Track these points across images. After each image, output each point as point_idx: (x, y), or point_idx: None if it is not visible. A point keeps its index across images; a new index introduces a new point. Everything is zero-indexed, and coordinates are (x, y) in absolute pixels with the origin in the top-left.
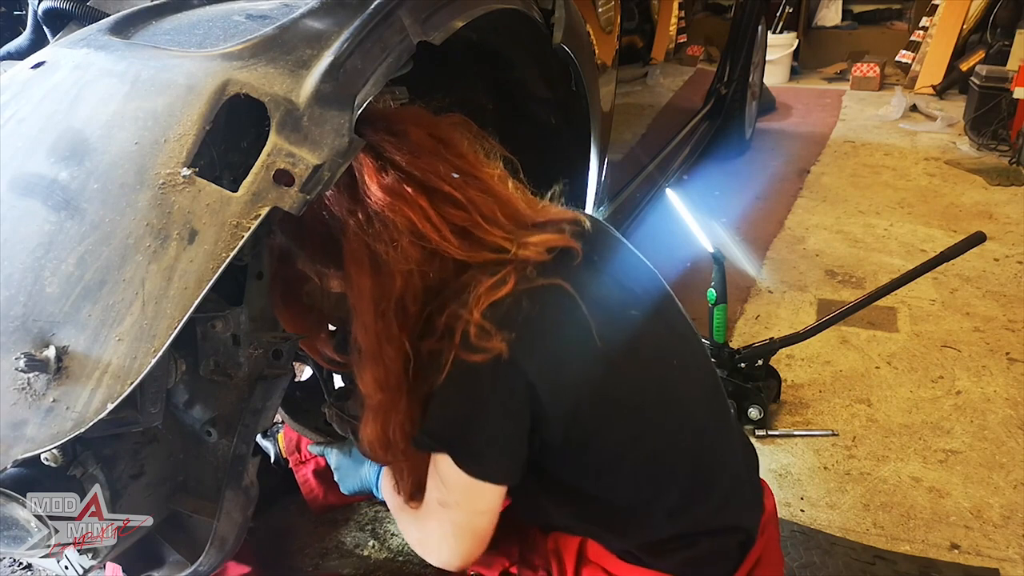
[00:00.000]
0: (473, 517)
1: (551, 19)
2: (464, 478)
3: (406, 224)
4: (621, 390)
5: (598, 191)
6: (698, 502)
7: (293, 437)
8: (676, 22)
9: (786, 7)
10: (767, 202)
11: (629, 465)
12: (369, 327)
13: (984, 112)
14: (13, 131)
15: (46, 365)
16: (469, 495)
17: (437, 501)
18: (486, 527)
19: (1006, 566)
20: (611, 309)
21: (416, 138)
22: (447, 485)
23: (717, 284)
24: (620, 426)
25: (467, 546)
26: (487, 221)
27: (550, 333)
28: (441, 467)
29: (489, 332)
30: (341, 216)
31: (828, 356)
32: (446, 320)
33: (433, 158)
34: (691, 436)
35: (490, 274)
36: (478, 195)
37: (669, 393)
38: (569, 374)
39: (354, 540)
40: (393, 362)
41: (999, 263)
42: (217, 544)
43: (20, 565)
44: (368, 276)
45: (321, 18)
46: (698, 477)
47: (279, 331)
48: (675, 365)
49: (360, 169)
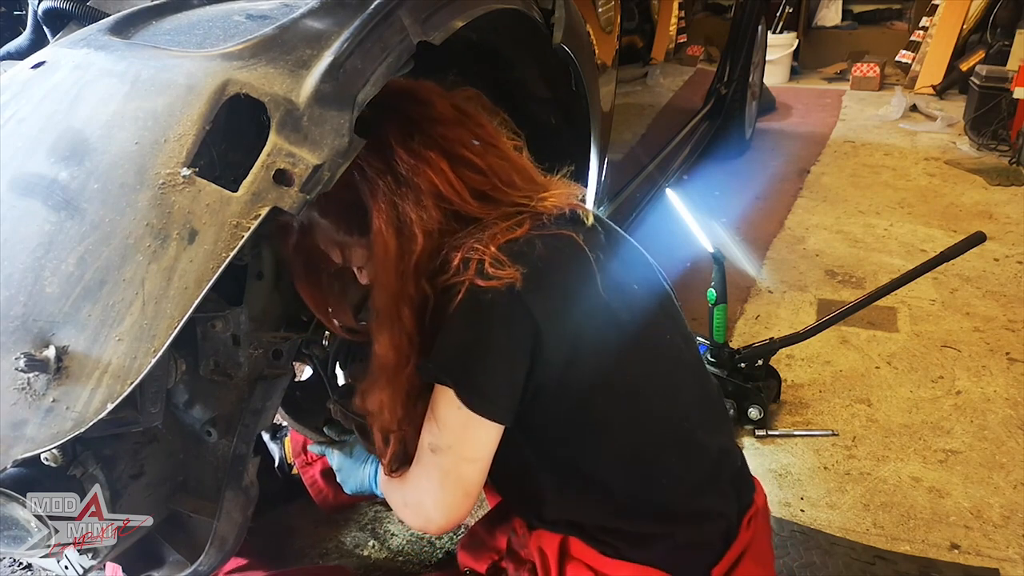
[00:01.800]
0: (462, 464)
1: (551, 19)
2: (462, 414)
3: (430, 187)
4: (619, 347)
5: (598, 191)
6: (679, 480)
7: (299, 440)
8: (676, 22)
9: (786, 7)
10: (767, 202)
11: (616, 432)
12: (389, 288)
13: (984, 112)
14: (13, 131)
15: (46, 365)
16: (463, 435)
17: (428, 446)
18: (474, 479)
19: (1006, 566)
20: (615, 273)
21: (440, 107)
22: (442, 425)
23: (717, 284)
24: (614, 385)
25: (452, 498)
26: (505, 184)
27: (559, 276)
28: (439, 405)
29: (503, 263)
30: (372, 178)
31: (828, 356)
32: (463, 255)
33: (456, 126)
34: (678, 414)
35: (506, 218)
36: (496, 161)
37: (663, 364)
38: (572, 319)
39: (354, 540)
40: (408, 320)
41: (999, 263)
42: (217, 544)
43: (20, 565)
44: (394, 237)
45: (321, 18)
46: (682, 456)
47: (279, 331)
48: (669, 342)
49: (387, 135)
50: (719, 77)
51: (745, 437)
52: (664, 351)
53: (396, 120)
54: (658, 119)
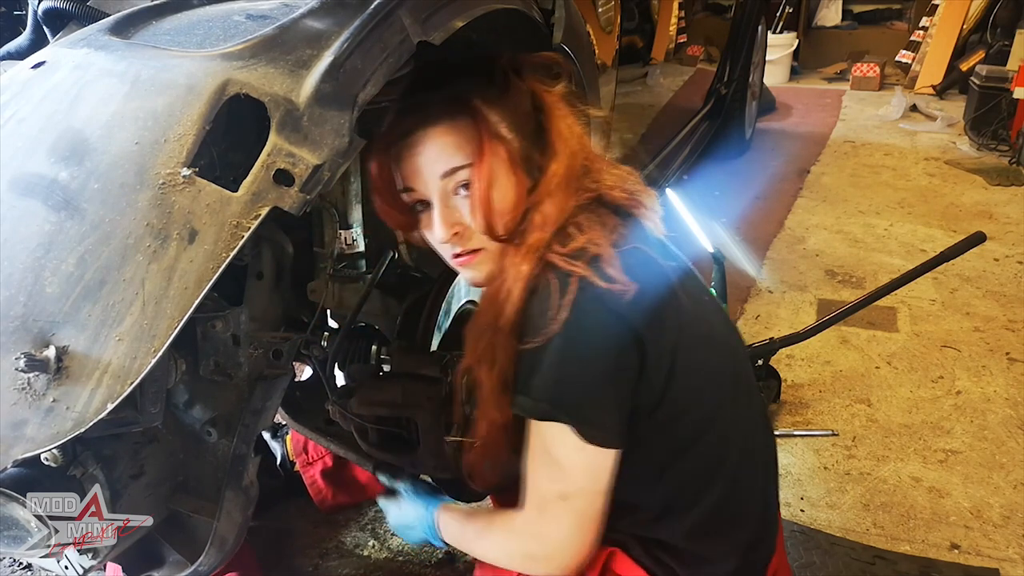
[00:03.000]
0: (596, 500)
1: (551, 19)
2: (586, 452)
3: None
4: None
5: None
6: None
7: (300, 439)
8: (676, 22)
9: (786, 7)
10: (767, 202)
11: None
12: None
13: (984, 112)
14: (13, 131)
15: (46, 365)
16: (592, 472)
17: (557, 495)
18: (605, 508)
19: (1006, 566)
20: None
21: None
22: (567, 469)
23: (717, 284)
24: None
25: (590, 537)
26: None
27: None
28: (556, 447)
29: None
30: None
31: (828, 356)
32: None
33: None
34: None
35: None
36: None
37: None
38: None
39: (354, 540)
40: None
41: (999, 263)
42: (217, 544)
43: (20, 565)
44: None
45: (321, 18)
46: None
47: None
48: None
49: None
50: (719, 77)
51: None
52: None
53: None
54: (658, 119)
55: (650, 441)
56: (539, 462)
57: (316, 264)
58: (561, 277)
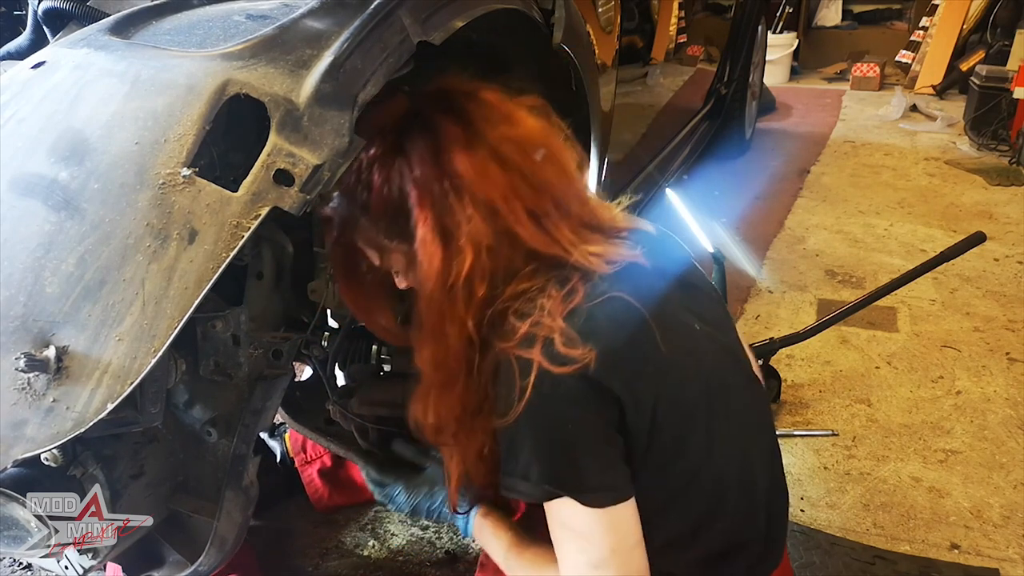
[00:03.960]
0: (632, 556)
1: (551, 19)
2: (600, 516)
3: (485, 199)
4: (690, 405)
5: (598, 191)
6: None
7: (299, 437)
8: (676, 22)
9: (786, 7)
10: (767, 202)
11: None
12: (434, 302)
13: (984, 112)
14: (13, 131)
15: (46, 365)
16: (614, 533)
17: (590, 566)
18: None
19: (1006, 566)
20: (672, 322)
21: (505, 113)
22: (587, 537)
23: (717, 284)
24: (691, 443)
25: None
26: (558, 209)
27: (624, 346)
28: (570, 520)
29: (575, 341)
30: (422, 183)
31: (828, 356)
32: (528, 328)
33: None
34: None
35: (559, 283)
36: (556, 180)
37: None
38: (646, 389)
39: (354, 540)
40: (455, 341)
41: (999, 263)
42: (217, 544)
43: (20, 565)
44: (440, 248)
45: (321, 18)
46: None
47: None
48: (730, 382)
49: (445, 137)
50: (719, 77)
51: None
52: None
53: (458, 122)
54: (658, 119)
55: (647, 482)
56: (562, 537)
57: (316, 264)
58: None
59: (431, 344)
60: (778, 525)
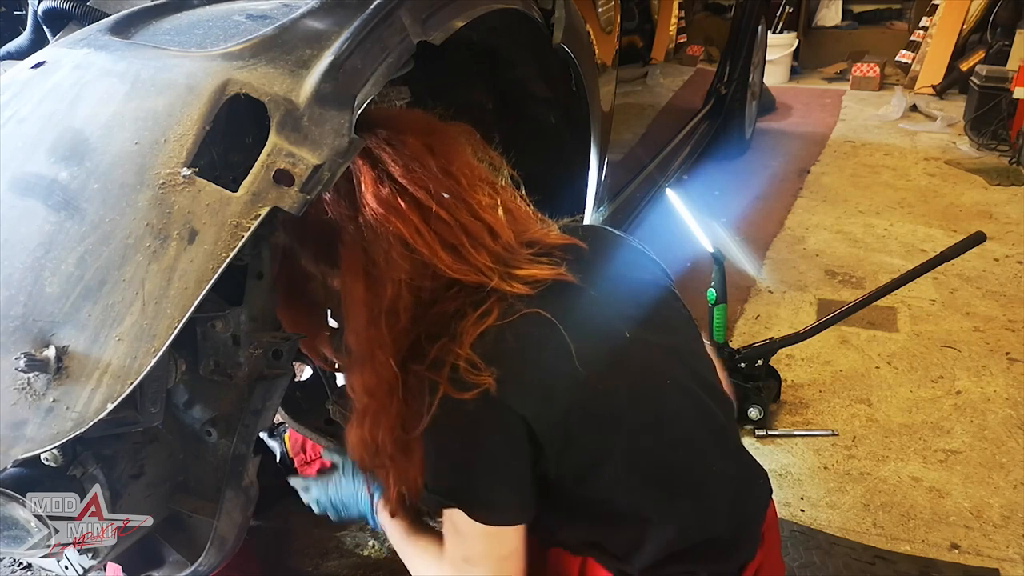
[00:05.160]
0: (502, 565)
1: (551, 19)
2: (481, 528)
3: (398, 236)
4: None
5: (598, 191)
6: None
7: (298, 437)
8: (676, 22)
9: (786, 7)
10: (767, 202)
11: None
12: (360, 332)
13: (984, 112)
14: (13, 131)
15: (46, 365)
16: (491, 543)
17: (462, 559)
18: (517, 570)
19: (1006, 566)
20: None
21: (414, 151)
22: (466, 539)
23: (717, 284)
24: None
25: None
26: (473, 244)
27: (532, 365)
28: (457, 521)
29: (478, 367)
30: (339, 221)
31: (828, 356)
32: (437, 352)
33: (428, 175)
34: (688, 455)
35: (474, 306)
36: (467, 218)
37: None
38: (557, 404)
39: (354, 540)
40: (383, 368)
41: (999, 263)
42: (217, 544)
43: (20, 565)
44: (361, 282)
45: (321, 18)
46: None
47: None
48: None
49: (359, 177)
50: (719, 77)
51: (745, 437)
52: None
53: (368, 162)
54: (658, 119)
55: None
56: (447, 528)
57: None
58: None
59: (360, 372)
60: (750, 515)
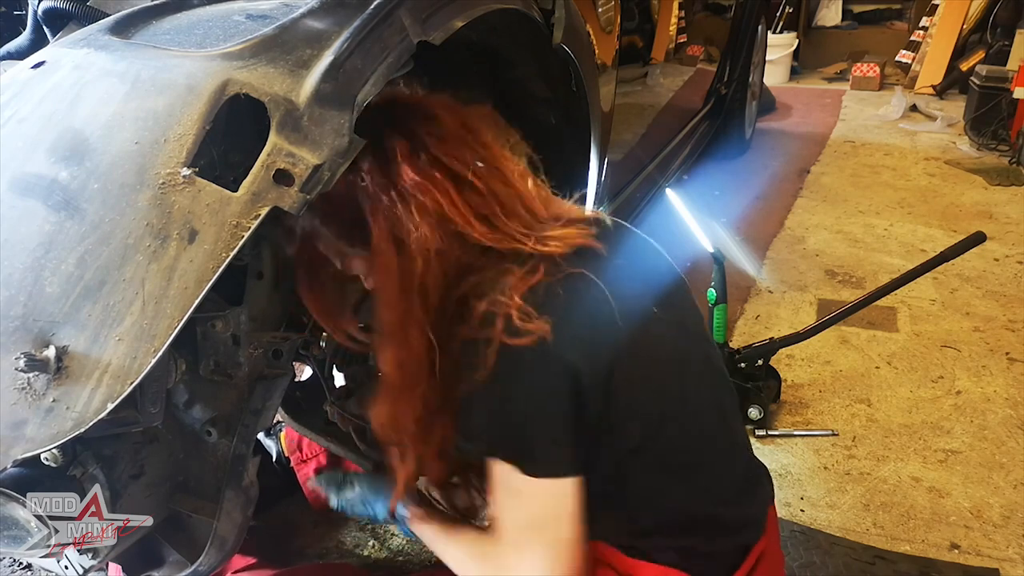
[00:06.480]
0: (569, 525)
1: (551, 19)
2: (546, 483)
3: (434, 206)
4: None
5: (598, 191)
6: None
7: (295, 436)
8: (676, 22)
9: (786, 7)
10: (767, 202)
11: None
12: (393, 306)
13: (984, 112)
14: (13, 131)
15: (46, 365)
16: (556, 499)
17: (526, 525)
18: (579, 538)
19: (1006, 566)
20: (629, 297)
21: (448, 124)
22: (528, 500)
23: (717, 284)
24: (646, 412)
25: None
26: (506, 213)
27: (582, 317)
28: (512, 482)
29: (531, 314)
30: (373, 193)
31: (828, 356)
32: (487, 307)
33: (462, 146)
34: (704, 429)
35: (519, 263)
36: (500, 187)
37: (685, 390)
38: (601, 360)
39: (354, 540)
40: (416, 342)
41: (999, 263)
42: (217, 544)
43: (20, 565)
44: (394, 255)
45: (321, 18)
46: (708, 469)
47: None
48: (689, 362)
49: (394, 150)
50: (719, 77)
51: None
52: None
53: (403, 134)
54: (658, 119)
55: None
56: (501, 494)
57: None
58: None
59: (393, 347)
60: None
